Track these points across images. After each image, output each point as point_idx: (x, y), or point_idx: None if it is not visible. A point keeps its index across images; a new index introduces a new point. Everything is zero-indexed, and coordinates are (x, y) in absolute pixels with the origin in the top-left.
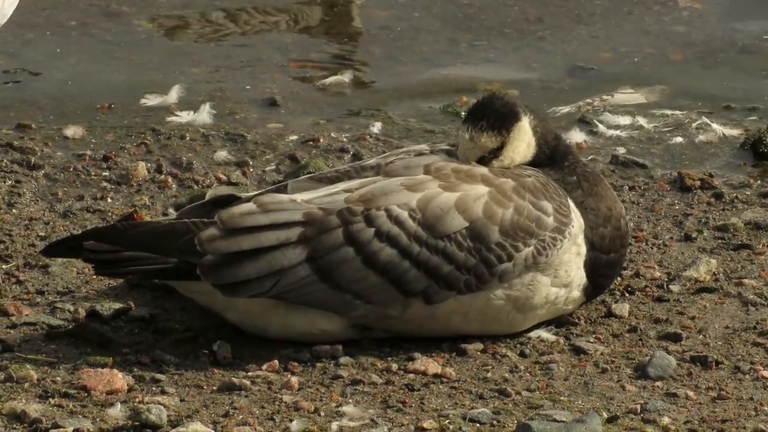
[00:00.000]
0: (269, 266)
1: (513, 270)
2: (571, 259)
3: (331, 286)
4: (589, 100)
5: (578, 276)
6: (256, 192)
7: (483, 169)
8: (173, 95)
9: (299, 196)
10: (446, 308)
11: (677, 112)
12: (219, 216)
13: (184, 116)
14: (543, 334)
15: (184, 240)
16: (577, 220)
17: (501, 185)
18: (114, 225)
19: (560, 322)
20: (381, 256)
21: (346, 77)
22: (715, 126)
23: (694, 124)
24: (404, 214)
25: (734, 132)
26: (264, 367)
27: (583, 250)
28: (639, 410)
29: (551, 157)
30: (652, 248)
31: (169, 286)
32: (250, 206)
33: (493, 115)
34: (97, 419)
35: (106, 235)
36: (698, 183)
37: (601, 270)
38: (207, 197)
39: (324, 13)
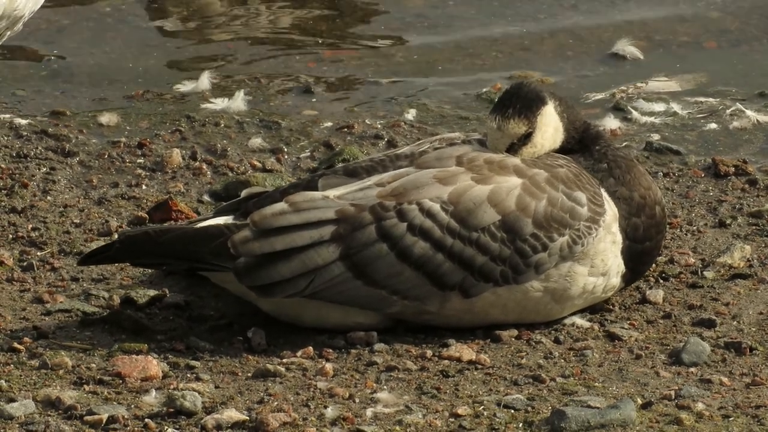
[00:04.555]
0: (303, 266)
1: (548, 260)
2: (607, 248)
3: (366, 282)
4: (623, 87)
5: (615, 264)
6: (287, 185)
7: (515, 160)
8: (208, 82)
9: (331, 192)
10: (484, 302)
11: (711, 98)
12: (251, 218)
13: (219, 103)
14: (577, 320)
15: (217, 243)
16: (610, 210)
17: (534, 176)
18: (146, 231)
19: (595, 308)
20: (415, 250)
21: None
22: (749, 113)
23: (728, 111)
24: (436, 207)
25: None
26: (299, 353)
27: (619, 238)
28: (673, 396)
29: (581, 141)
30: (686, 234)
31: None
32: (281, 206)
33: (519, 102)
34: (132, 406)
35: (138, 242)
36: (732, 169)
37: (638, 257)
38: (242, 195)
39: (358, 0)
